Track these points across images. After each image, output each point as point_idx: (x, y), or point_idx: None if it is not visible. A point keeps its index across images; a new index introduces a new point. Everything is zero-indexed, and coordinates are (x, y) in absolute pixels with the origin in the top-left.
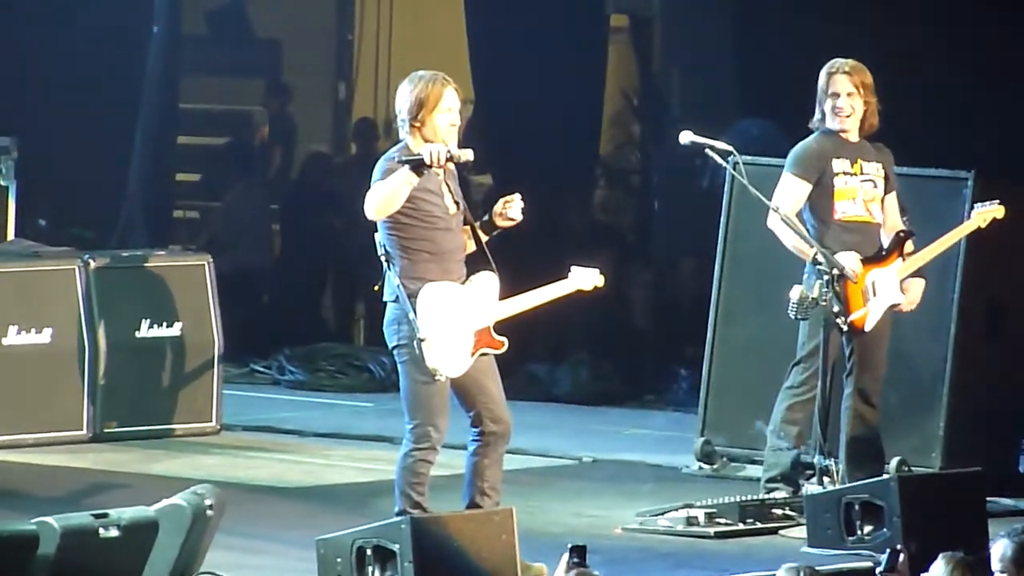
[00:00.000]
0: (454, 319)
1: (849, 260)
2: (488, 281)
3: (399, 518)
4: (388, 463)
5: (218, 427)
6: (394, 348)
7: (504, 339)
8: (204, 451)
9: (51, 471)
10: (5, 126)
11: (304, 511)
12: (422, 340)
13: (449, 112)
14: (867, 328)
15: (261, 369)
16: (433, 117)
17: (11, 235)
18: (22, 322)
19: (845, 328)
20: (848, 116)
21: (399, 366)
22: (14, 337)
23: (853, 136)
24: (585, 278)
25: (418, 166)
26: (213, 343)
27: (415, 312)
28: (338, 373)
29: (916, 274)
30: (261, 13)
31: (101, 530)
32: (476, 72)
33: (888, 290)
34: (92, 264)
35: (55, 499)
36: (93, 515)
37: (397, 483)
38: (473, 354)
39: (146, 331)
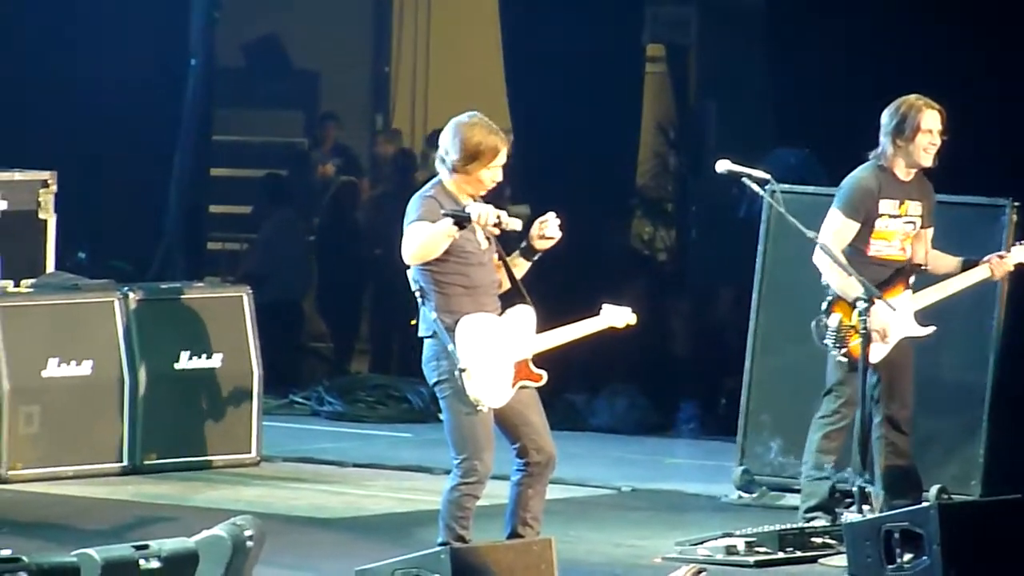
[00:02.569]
0: (493, 350)
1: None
2: (525, 314)
3: (439, 548)
4: (427, 493)
5: (258, 458)
6: (435, 384)
7: (544, 372)
8: (244, 482)
9: (91, 503)
10: (45, 159)
11: (343, 541)
12: (463, 370)
13: (497, 170)
14: (873, 361)
15: (300, 400)
16: (480, 171)
17: (51, 268)
18: (62, 354)
19: (844, 360)
20: (934, 153)
21: (441, 402)
22: (54, 369)
23: (911, 172)
24: (617, 316)
25: (463, 222)
26: (252, 374)
27: (454, 344)
28: (377, 403)
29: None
30: (298, 45)
31: (142, 561)
32: (513, 102)
33: (899, 322)
34: (131, 296)
35: (96, 531)
36: (134, 547)
37: (442, 515)
38: (514, 385)
39: (185, 363)
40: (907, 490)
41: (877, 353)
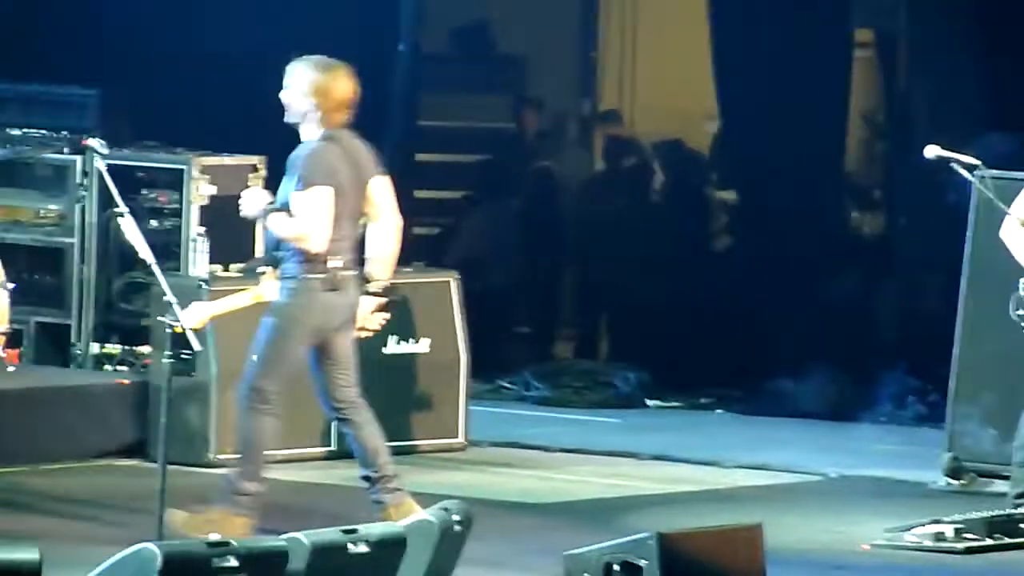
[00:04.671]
0: None
1: None
2: None
3: (647, 534)
4: (634, 478)
5: (465, 443)
6: None
7: None
8: (451, 467)
9: (299, 487)
10: (254, 144)
11: (550, 526)
12: None
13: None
14: None
15: (507, 385)
16: None
17: (260, 252)
18: None
19: None
20: None
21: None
22: None
23: None
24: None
25: None
26: (459, 359)
27: None
28: (583, 389)
29: None
30: (504, 30)
31: (350, 546)
32: (720, 88)
33: None
34: None
35: (304, 515)
36: (342, 531)
37: None
38: None
39: (393, 347)
40: None
41: None
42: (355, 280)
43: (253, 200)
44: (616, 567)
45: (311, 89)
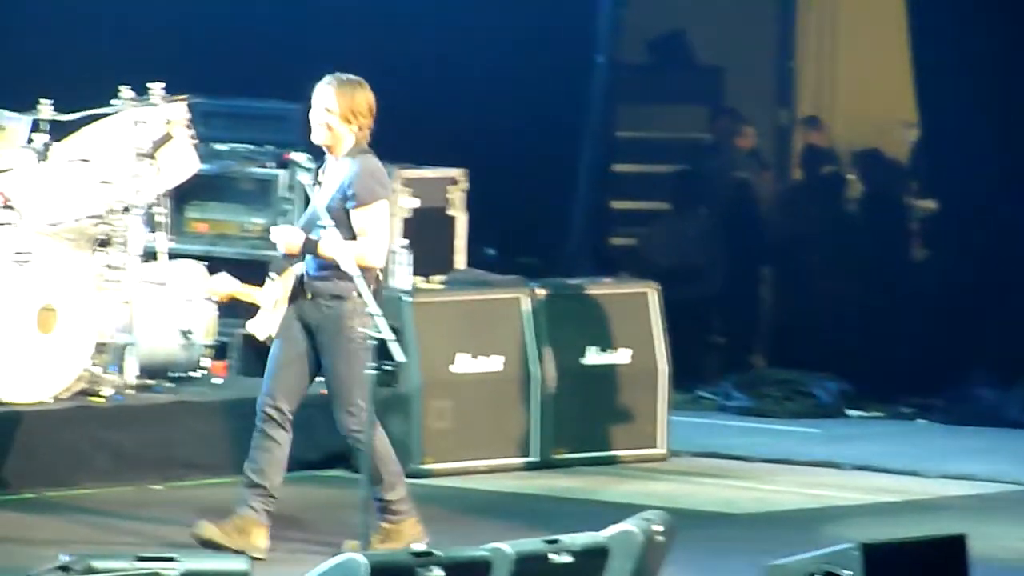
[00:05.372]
0: None
1: None
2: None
3: (850, 545)
4: (835, 488)
5: (666, 453)
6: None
7: None
8: (652, 477)
9: (501, 497)
10: (455, 157)
11: (752, 537)
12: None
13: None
14: None
15: (707, 395)
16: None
17: (460, 264)
18: (471, 349)
19: None
20: None
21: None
22: (464, 364)
23: None
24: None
25: None
26: (659, 369)
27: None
28: (784, 399)
29: None
30: (702, 40)
31: (553, 556)
32: (922, 100)
33: None
34: (539, 292)
35: (506, 525)
36: (545, 541)
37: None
38: None
39: (592, 358)
40: None
41: None
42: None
43: (287, 236)
44: None
45: (360, 108)
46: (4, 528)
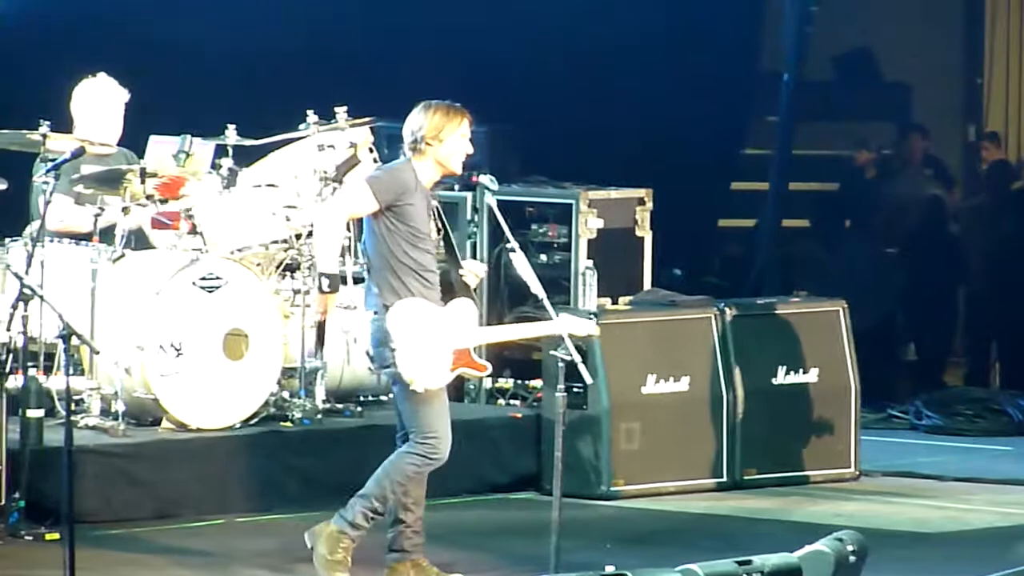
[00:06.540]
0: (431, 334)
1: None
2: (467, 307)
3: None
4: None
5: (857, 473)
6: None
7: (487, 364)
8: (844, 497)
9: (691, 518)
10: (642, 178)
11: (946, 556)
12: (393, 350)
13: (465, 141)
14: None
15: (898, 414)
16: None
17: (647, 284)
18: (660, 370)
19: None
20: None
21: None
22: (653, 385)
23: None
24: (575, 324)
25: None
26: (850, 388)
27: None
28: (976, 417)
29: None
30: (888, 56)
31: None
32: None
33: None
34: (728, 312)
35: (697, 546)
36: (737, 562)
37: (385, 473)
38: (452, 371)
39: (782, 377)
40: None
41: None
42: None
43: (476, 270)
44: None
45: None
46: (214, 545)
